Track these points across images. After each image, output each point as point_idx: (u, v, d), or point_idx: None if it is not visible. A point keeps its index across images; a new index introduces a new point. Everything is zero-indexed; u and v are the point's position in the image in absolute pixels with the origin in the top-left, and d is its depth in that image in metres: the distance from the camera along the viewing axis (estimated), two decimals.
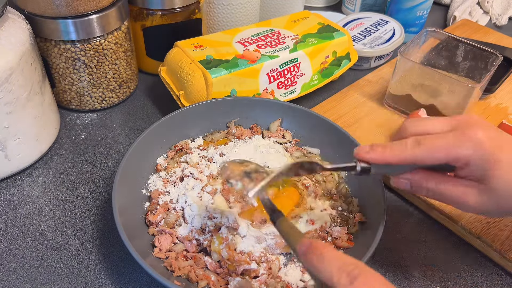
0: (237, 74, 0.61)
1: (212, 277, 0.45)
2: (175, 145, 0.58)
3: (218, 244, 0.46)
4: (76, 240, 0.51)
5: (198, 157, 0.56)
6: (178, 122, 0.57)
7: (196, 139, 0.59)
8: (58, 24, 0.57)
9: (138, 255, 0.42)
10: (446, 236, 0.54)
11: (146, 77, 0.76)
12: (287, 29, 0.70)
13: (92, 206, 0.55)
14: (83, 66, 0.62)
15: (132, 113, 0.69)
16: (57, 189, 0.57)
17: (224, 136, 0.60)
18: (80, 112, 0.68)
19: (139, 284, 0.48)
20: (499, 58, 0.62)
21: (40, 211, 0.54)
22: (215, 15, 0.77)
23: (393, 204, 0.57)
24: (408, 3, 0.83)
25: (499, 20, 0.96)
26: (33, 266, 0.49)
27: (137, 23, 0.69)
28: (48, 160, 0.61)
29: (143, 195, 0.53)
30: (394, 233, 0.54)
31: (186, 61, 0.62)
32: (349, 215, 0.52)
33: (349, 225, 0.51)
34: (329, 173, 0.56)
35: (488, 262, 0.51)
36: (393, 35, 0.80)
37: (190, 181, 0.52)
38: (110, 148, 0.63)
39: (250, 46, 0.65)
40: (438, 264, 0.51)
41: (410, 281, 0.49)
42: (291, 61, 0.65)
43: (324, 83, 0.70)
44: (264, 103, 0.60)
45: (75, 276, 0.48)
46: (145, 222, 0.50)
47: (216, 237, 0.46)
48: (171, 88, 0.64)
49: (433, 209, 0.54)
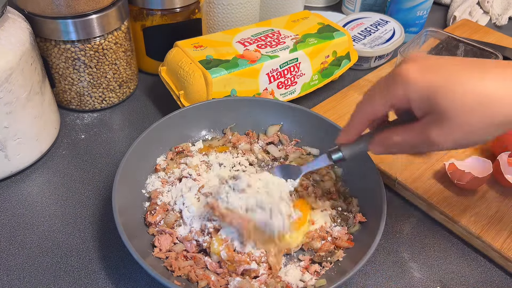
0: (237, 74, 0.61)
1: (212, 277, 0.45)
2: (176, 146, 0.58)
3: (217, 245, 0.46)
4: (76, 240, 0.51)
5: (199, 161, 0.56)
6: (178, 122, 0.57)
7: (197, 142, 0.59)
8: (58, 24, 0.57)
9: (138, 255, 0.42)
10: (446, 236, 0.54)
11: (146, 77, 0.76)
12: (287, 29, 0.70)
13: (92, 206, 0.55)
14: (83, 66, 0.62)
15: (132, 113, 0.69)
16: (57, 189, 0.57)
17: (222, 143, 0.60)
18: (80, 112, 0.68)
19: (139, 284, 0.48)
20: (499, 58, 0.62)
21: (40, 211, 0.54)
22: (215, 15, 0.77)
23: (393, 204, 0.57)
24: (408, 3, 0.83)
25: (499, 20, 0.96)
26: (33, 266, 0.49)
27: (137, 23, 0.69)
28: (48, 160, 0.61)
29: (143, 195, 0.53)
30: (394, 233, 0.54)
31: (186, 61, 0.62)
32: (349, 215, 0.52)
33: (349, 225, 0.51)
34: (326, 172, 0.56)
35: (488, 262, 0.51)
36: (393, 35, 0.80)
37: (188, 181, 0.52)
38: (110, 148, 0.63)
39: (250, 46, 0.65)
40: (438, 264, 0.51)
41: (410, 281, 0.49)
42: (291, 61, 0.65)
43: (324, 83, 0.70)
44: (264, 103, 0.60)
45: (75, 276, 0.48)
46: (145, 223, 0.50)
47: (216, 238, 0.46)
48: (171, 88, 0.64)
49: (433, 209, 0.54)
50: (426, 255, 0.52)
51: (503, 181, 0.55)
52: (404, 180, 0.56)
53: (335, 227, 0.51)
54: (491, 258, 0.51)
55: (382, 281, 0.49)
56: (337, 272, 0.46)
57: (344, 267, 0.46)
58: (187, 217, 0.49)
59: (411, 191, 0.56)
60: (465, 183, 0.54)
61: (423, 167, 0.58)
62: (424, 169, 0.58)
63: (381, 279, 0.49)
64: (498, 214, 0.53)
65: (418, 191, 0.55)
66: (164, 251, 0.47)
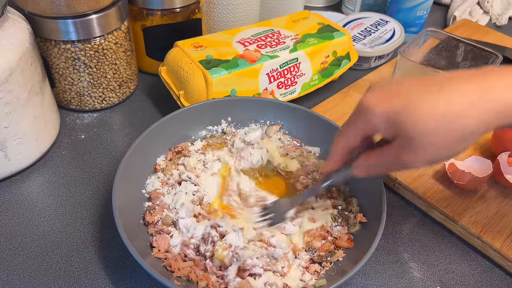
0: (237, 74, 0.61)
1: (212, 277, 0.45)
2: (175, 146, 0.58)
3: (221, 251, 0.46)
4: (76, 240, 0.51)
5: (196, 160, 0.56)
6: (178, 122, 0.57)
7: (196, 142, 0.59)
8: (58, 24, 0.57)
9: (138, 255, 0.42)
10: (446, 236, 0.54)
11: (146, 77, 0.76)
12: (287, 29, 0.70)
13: (92, 206, 0.55)
14: (83, 66, 0.62)
15: (132, 113, 0.69)
16: (57, 189, 0.57)
17: (221, 141, 0.60)
18: (80, 112, 0.68)
19: (139, 284, 0.48)
20: (499, 58, 0.62)
21: (40, 211, 0.54)
22: (215, 15, 0.77)
23: (393, 204, 0.57)
24: (408, 3, 0.83)
25: (499, 20, 0.96)
26: (33, 266, 0.49)
27: (137, 23, 0.69)
28: (48, 160, 0.61)
29: (143, 195, 0.53)
30: (394, 233, 0.54)
31: (186, 61, 0.62)
32: (350, 215, 0.52)
33: (349, 225, 0.51)
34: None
35: (488, 262, 0.51)
36: (393, 35, 0.80)
37: (188, 185, 0.52)
38: (110, 148, 0.63)
39: (250, 46, 0.65)
40: (438, 264, 0.51)
41: (410, 281, 0.49)
42: (291, 61, 0.65)
43: (324, 83, 0.70)
44: (264, 103, 0.60)
45: (75, 276, 0.48)
46: (144, 222, 0.50)
47: (220, 247, 0.46)
48: (171, 88, 0.64)
49: (433, 209, 0.54)
50: (426, 255, 0.52)
51: (503, 181, 0.55)
52: (404, 180, 0.56)
53: (335, 226, 0.51)
54: (491, 258, 0.51)
55: (382, 281, 0.49)
56: (337, 272, 0.46)
57: (344, 267, 0.46)
58: (184, 226, 0.49)
59: (411, 191, 0.56)
60: (465, 183, 0.54)
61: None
62: (424, 169, 0.58)
63: (381, 279, 0.49)
64: (498, 214, 0.53)
65: (418, 191, 0.55)
66: (162, 251, 0.47)
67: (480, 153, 0.61)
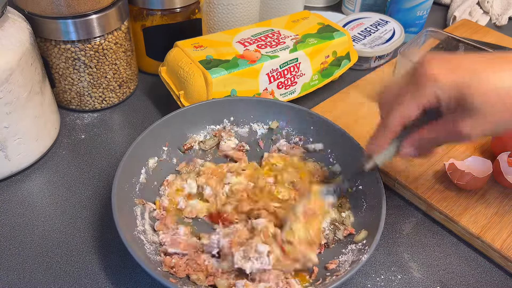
0: (237, 74, 0.61)
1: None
2: (184, 144, 0.58)
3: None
4: (76, 240, 0.51)
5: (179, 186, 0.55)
6: (178, 122, 0.57)
7: (195, 142, 0.59)
8: (58, 24, 0.57)
9: (138, 255, 0.42)
10: (446, 236, 0.54)
11: (146, 77, 0.76)
12: (287, 29, 0.70)
13: (92, 206, 0.55)
14: (83, 66, 0.62)
15: (132, 113, 0.69)
16: (57, 189, 0.57)
17: (217, 141, 0.60)
18: (80, 112, 0.68)
19: (139, 284, 0.48)
20: None
21: (40, 211, 0.54)
22: (215, 15, 0.77)
23: (393, 204, 0.57)
24: (408, 3, 0.83)
25: (499, 20, 0.96)
26: (33, 266, 0.49)
27: (137, 23, 0.69)
28: (48, 160, 0.61)
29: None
30: (394, 233, 0.54)
31: (186, 61, 0.62)
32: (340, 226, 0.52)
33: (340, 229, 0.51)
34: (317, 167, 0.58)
35: (488, 262, 0.51)
36: (393, 35, 0.80)
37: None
38: (110, 148, 0.63)
39: (250, 46, 0.65)
40: (438, 264, 0.51)
41: (410, 281, 0.49)
42: (291, 61, 0.65)
43: (324, 83, 0.70)
44: (264, 103, 0.60)
45: (75, 276, 0.48)
46: None
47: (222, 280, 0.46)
48: (171, 88, 0.64)
49: (433, 209, 0.54)
50: (426, 255, 0.52)
51: (503, 181, 0.55)
52: (404, 180, 0.56)
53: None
54: (491, 258, 0.51)
55: (382, 281, 0.49)
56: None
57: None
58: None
59: (411, 191, 0.56)
60: (465, 183, 0.54)
61: (423, 167, 0.58)
62: (424, 169, 0.58)
63: (381, 279, 0.49)
64: (498, 214, 0.53)
65: (418, 191, 0.55)
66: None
67: (480, 153, 0.61)
